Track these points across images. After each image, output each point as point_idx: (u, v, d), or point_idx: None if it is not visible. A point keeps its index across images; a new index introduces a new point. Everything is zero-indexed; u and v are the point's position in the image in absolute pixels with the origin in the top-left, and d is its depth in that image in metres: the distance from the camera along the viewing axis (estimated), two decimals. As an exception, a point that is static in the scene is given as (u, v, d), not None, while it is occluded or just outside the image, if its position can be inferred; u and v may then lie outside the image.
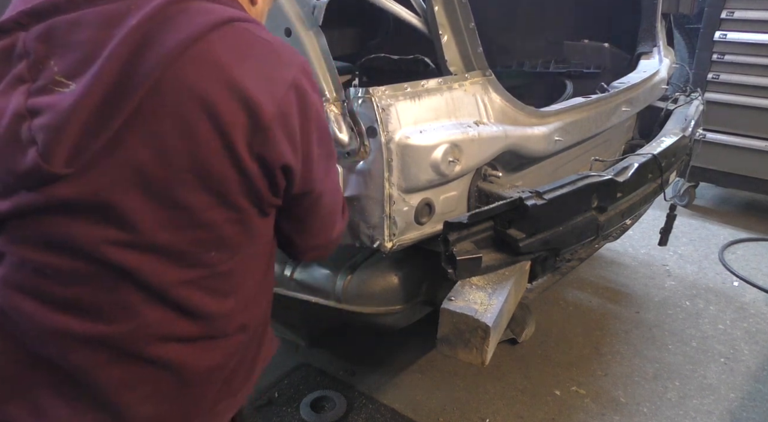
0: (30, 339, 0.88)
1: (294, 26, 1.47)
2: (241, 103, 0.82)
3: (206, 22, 0.82)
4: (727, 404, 2.31)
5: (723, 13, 3.71)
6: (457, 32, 1.63)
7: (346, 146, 1.45)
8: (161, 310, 0.88)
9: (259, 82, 0.84)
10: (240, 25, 0.87)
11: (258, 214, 0.92)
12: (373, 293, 1.70)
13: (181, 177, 0.82)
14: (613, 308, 2.94)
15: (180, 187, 0.83)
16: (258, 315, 1.05)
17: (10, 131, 0.80)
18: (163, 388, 0.92)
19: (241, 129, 0.83)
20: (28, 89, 0.81)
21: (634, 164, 1.93)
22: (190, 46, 0.80)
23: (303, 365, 2.44)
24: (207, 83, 0.81)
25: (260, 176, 0.87)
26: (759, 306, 3.00)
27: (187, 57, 0.80)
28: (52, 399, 0.89)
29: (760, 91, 3.69)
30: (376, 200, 1.49)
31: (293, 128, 0.88)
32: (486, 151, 1.64)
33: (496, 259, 1.62)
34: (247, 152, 0.84)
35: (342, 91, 1.48)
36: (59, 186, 0.80)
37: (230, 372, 1.01)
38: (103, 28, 0.79)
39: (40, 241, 0.84)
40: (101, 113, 0.78)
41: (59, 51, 0.81)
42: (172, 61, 0.79)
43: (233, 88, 0.82)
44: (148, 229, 0.83)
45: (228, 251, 0.91)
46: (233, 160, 0.84)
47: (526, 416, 2.23)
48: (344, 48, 3.30)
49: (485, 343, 1.46)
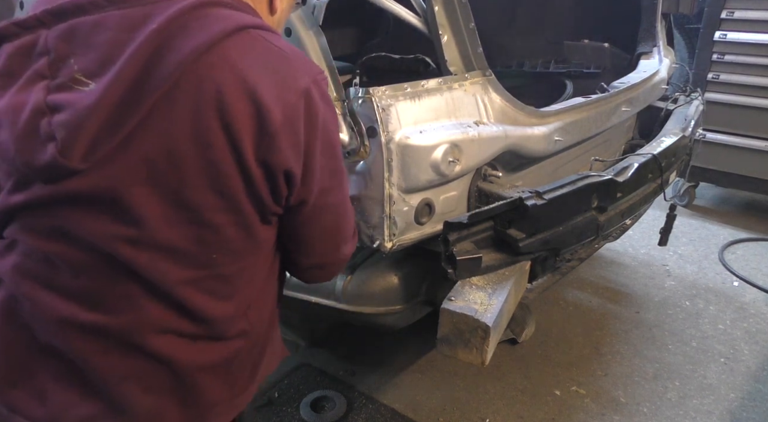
0: (38, 326, 0.91)
1: (294, 26, 1.48)
2: (252, 107, 0.84)
3: (223, 27, 0.84)
4: (727, 404, 2.31)
5: (723, 13, 3.70)
6: (457, 32, 1.63)
7: (346, 146, 1.45)
8: (162, 307, 0.90)
9: (272, 88, 0.86)
10: (256, 32, 0.89)
11: (260, 220, 0.93)
12: (373, 293, 1.71)
13: (190, 176, 0.84)
14: (613, 308, 2.94)
15: (188, 185, 0.85)
16: (259, 323, 1.05)
17: (30, 125, 0.82)
18: (160, 381, 0.94)
19: (249, 132, 0.84)
20: (47, 86, 0.83)
21: (634, 164, 1.93)
22: (207, 50, 0.82)
23: (303, 365, 2.44)
24: (222, 85, 0.83)
25: (263, 181, 0.88)
26: (759, 306, 3.00)
27: (203, 61, 0.82)
28: (55, 386, 0.91)
29: (760, 91, 3.69)
30: (376, 200, 1.49)
31: (298, 134, 0.89)
32: (486, 151, 1.64)
33: (496, 259, 1.62)
34: (253, 156, 0.86)
35: (342, 91, 1.48)
36: (74, 180, 0.83)
37: (230, 375, 1.02)
38: (124, 31, 0.82)
39: (51, 232, 0.87)
40: (119, 112, 0.81)
41: (80, 50, 0.83)
42: (190, 64, 0.81)
43: (247, 91, 0.84)
44: (154, 226, 0.85)
45: (230, 254, 0.93)
46: (239, 162, 0.85)
47: (526, 416, 2.23)
48: (344, 48, 3.30)
49: (485, 343, 1.46)
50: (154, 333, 0.91)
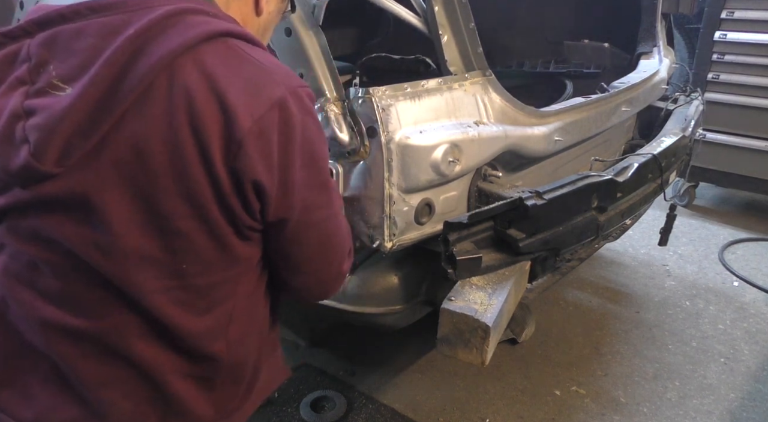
0: (24, 328, 0.91)
1: (294, 26, 1.48)
2: (220, 112, 0.84)
3: (200, 32, 0.85)
4: (727, 404, 2.31)
5: (723, 13, 3.70)
6: (457, 32, 1.63)
7: (346, 145, 1.45)
8: (136, 315, 0.90)
9: (242, 95, 0.85)
10: (234, 41, 0.89)
11: (236, 235, 0.91)
12: (373, 293, 1.71)
13: (159, 178, 0.84)
14: (613, 308, 2.94)
15: (158, 189, 0.85)
16: (244, 342, 1.02)
17: (6, 130, 0.83)
18: (140, 389, 0.93)
19: (217, 137, 0.84)
20: (26, 91, 0.85)
21: (634, 164, 1.93)
22: (182, 54, 0.83)
23: (303, 365, 2.44)
24: (192, 89, 0.83)
25: (232, 191, 0.87)
26: (759, 306, 3.00)
27: (177, 64, 0.83)
28: (43, 388, 0.92)
29: (760, 91, 3.69)
30: (376, 200, 1.49)
31: (271, 147, 0.87)
32: (486, 151, 1.64)
33: (496, 259, 1.62)
34: (221, 162, 0.85)
35: (342, 91, 1.48)
36: (48, 184, 0.84)
37: (215, 392, 1.01)
38: (104, 37, 0.83)
39: (31, 235, 0.88)
40: (93, 115, 0.82)
41: (60, 56, 0.85)
42: (163, 67, 0.82)
43: (216, 95, 0.83)
44: (124, 231, 0.85)
45: (201, 265, 0.91)
46: (207, 167, 0.84)
47: (526, 416, 2.23)
48: (344, 48, 3.31)
49: (485, 343, 1.46)
50: (133, 339, 0.91)
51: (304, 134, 0.91)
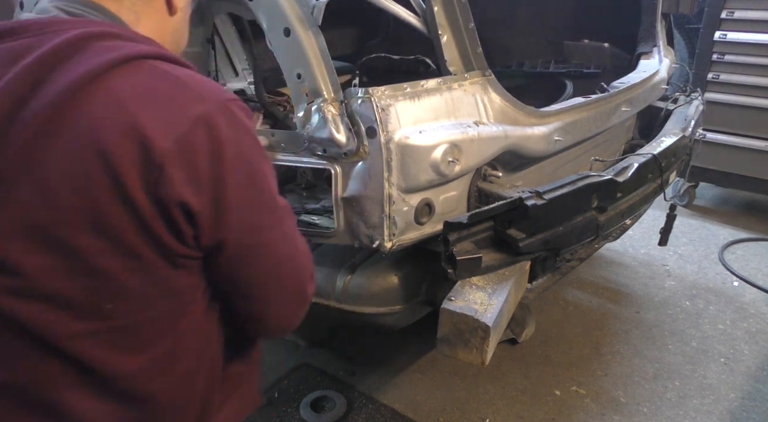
0: None
1: (293, 26, 1.48)
2: (134, 138, 0.77)
3: (111, 58, 0.79)
4: (727, 404, 2.31)
5: (723, 13, 3.70)
6: (457, 32, 1.63)
7: (343, 146, 1.45)
8: (59, 363, 0.83)
9: (157, 116, 0.79)
10: (149, 62, 0.83)
11: (166, 264, 0.84)
12: (373, 293, 1.71)
13: (69, 220, 0.78)
14: (613, 308, 2.94)
15: (69, 230, 0.78)
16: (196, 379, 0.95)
17: None
18: None
19: (133, 165, 0.77)
20: None
21: (634, 164, 1.93)
22: (89, 83, 0.77)
23: (303, 365, 2.44)
24: (101, 121, 0.77)
25: (156, 217, 0.80)
26: (759, 306, 3.00)
27: (83, 94, 0.77)
28: None
29: (760, 91, 3.69)
30: (375, 200, 1.49)
31: (197, 166, 0.80)
32: (486, 151, 1.64)
33: (496, 259, 1.62)
34: (141, 190, 0.78)
35: (341, 92, 1.48)
36: None
37: None
38: (7, 65, 0.77)
39: None
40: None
41: None
42: (67, 99, 0.76)
43: (128, 122, 0.77)
44: (37, 276, 0.79)
45: (131, 302, 0.84)
46: (123, 199, 0.78)
47: (526, 416, 2.23)
48: (344, 48, 3.30)
49: (485, 343, 1.46)
50: (62, 390, 0.84)
51: (237, 151, 0.84)
